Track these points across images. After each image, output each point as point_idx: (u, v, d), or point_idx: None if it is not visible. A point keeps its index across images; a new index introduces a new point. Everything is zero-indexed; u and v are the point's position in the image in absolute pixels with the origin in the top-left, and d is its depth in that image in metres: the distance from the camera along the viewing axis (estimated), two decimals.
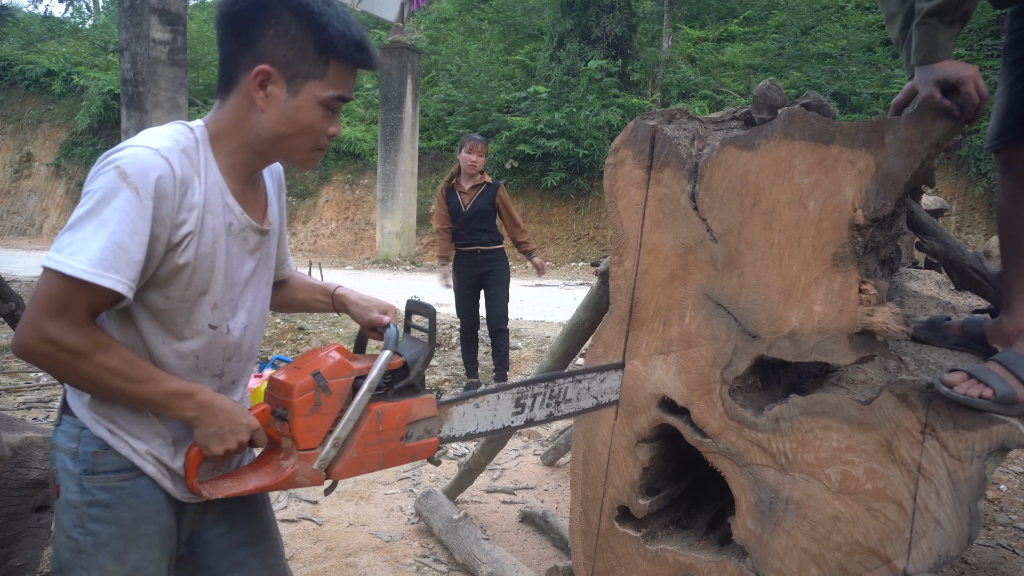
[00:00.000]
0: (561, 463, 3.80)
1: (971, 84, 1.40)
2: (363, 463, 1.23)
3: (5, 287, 2.30)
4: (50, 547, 2.69)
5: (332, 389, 1.18)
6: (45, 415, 4.43)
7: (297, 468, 1.18)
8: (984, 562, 2.73)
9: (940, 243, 1.96)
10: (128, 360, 1.10)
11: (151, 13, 8.29)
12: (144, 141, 1.11)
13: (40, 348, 1.05)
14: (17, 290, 8.25)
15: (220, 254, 1.18)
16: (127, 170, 1.06)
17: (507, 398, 1.47)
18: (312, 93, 1.16)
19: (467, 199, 4.80)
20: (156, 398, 1.12)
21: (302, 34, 1.14)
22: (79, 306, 1.05)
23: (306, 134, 1.19)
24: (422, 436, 1.30)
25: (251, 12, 1.13)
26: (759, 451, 1.62)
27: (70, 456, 1.17)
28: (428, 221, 15.72)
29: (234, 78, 1.17)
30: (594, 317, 2.36)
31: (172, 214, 1.10)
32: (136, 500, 1.19)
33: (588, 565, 1.95)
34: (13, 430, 2.08)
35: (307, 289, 1.51)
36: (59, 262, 1.02)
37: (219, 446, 1.16)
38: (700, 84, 14.63)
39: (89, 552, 1.16)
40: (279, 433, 1.20)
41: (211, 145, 1.19)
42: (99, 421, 1.17)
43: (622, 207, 1.84)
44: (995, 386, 1.37)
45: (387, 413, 1.23)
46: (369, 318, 1.40)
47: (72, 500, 1.17)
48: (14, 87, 20.23)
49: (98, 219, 1.04)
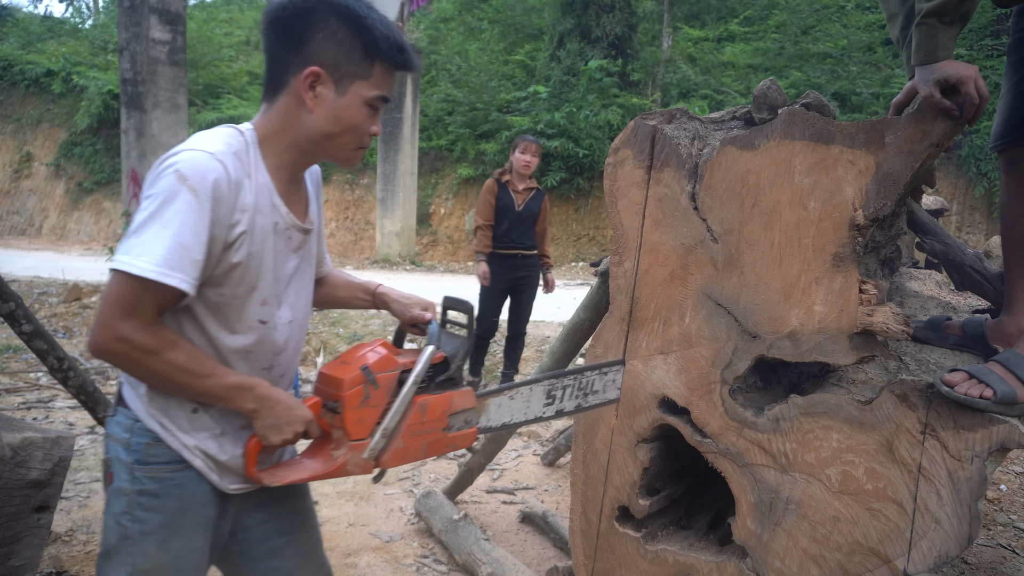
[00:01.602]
0: (561, 463, 3.80)
1: (971, 84, 1.39)
2: (409, 452, 1.30)
3: (5, 287, 2.30)
4: (50, 547, 2.70)
5: (380, 383, 1.24)
6: (45, 415, 4.43)
7: (348, 458, 1.24)
8: (984, 562, 2.72)
9: (940, 243, 1.96)
10: (193, 356, 1.17)
11: (151, 13, 8.28)
12: (199, 145, 1.16)
13: (114, 347, 1.11)
14: (17, 290, 8.25)
15: (268, 252, 1.24)
16: (186, 173, 1.11)
17: (539, 390, 1.52)
18: (358, 93, 1.23)
19: (520, 199, 4.61)
20: (218, 391, 1.19)
21: (349, 37, 1.20)
22: (148, 305, 1.11)
23: (352, 132, 1.25)
24: (462, 427, 1.37)
25: (300, 17, 1.19)
26: (759, 451, 1.62)
27: (123, 446, 1.24)
28: (428, 221, 15.74)
29: (283, 80, 1.23)
30: (594, 317, 2.36)
31: (227, 215, 1.16)
32: (183, 491, 1.25)
33: (588, 565, 1.95)
34: (13, 430, 2.08)
35: (348, 287, 1.57)
36: (127, 264, 1.08)
37: (277, 436, 1.22)
38: (700, 84, 14.63)
39: (136, 538, 1.22)
40: (330, 425, 1.26)
41: (260, 147, 1.25)
42: (152, 415, 1.23)
43: (622, 207, 1.84)
44: (996, 386, 1.37)
45: (431, 405, 1.30)
46: (411, 315, 1.46)
47: (123, 488, 1.23)
48: (14, 87, 20.22)
49: (161, 221, 1.10)
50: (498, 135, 14.72)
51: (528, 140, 4.62)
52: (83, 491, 3.30)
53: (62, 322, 7.36)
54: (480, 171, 15.26)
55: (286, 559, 1.44)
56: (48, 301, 8.05)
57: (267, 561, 1.43)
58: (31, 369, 5.48)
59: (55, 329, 7.09)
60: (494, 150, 14.75)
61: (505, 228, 4.59)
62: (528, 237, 4.66)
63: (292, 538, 1.45)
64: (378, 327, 6.76)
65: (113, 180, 18.24)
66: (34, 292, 8.43)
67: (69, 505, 3.12)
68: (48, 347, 2.41)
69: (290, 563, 1.45)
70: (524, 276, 4.69)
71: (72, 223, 18.62)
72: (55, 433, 2.18)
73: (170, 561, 1.25)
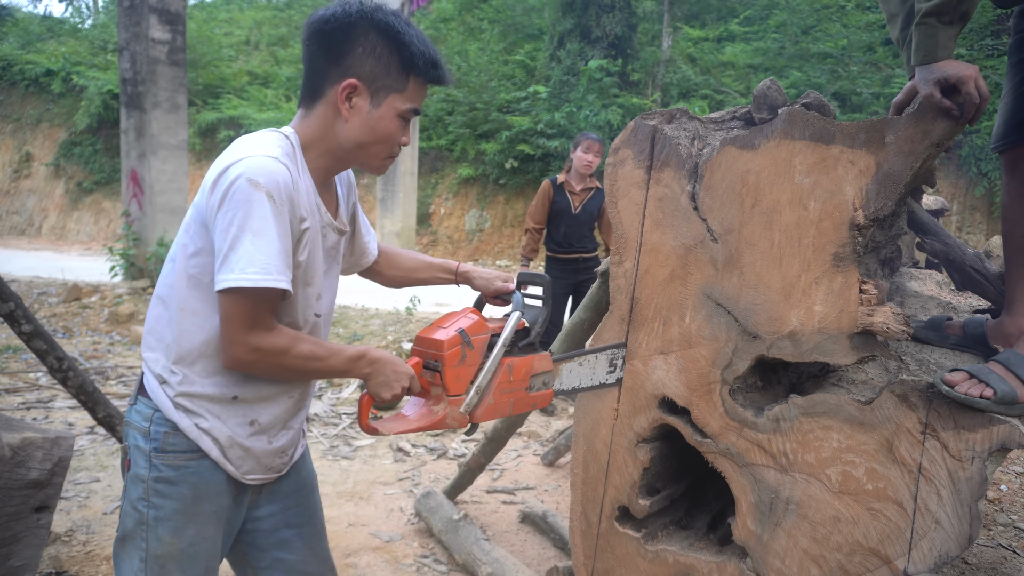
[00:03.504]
0: (561, 463, 3.80)
1: (971, 84, 1.39)
2: (498, 408, 1.42)
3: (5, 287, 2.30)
4: (49, 547, 2.70)
5: (474, 344, 1.36)
6: (45, 415, 4.43)
7: (447, 411, 1.36)
8: (984, 562, 2.72)
9: (941, 243, 1.96)
10: (315, 343, 1.27)
11: (151, 13, 8.27)
12: (259, 150, 1.20)
13: (251, 358, 1.20)
14: (17, 290, 8.25)
15: (319, 249, 1.33)
16: (258, 180, 1.16)
17: (603, 358, 1.66)
18: (393, 105, 1.29)
19: (578, 200, 4.43)
20: (341, 366, 1.29)
21: (387, 52, 1.26)
22: (265, 312, 1.19)
23: (384, 142, 1.32)
24: (540, 388, 1.50)
25: (342, 31, 1.25)
26: (759, 451, 1.62)
27: (142, 434, 1.29)
28: (428, 221, 15.74)
29: (320, 90, 1.29)
30: (594, 317, 2.36)
31: (297, 214, 1.23)
32: (198, 479, 1.30)
33: (588, 565, 1.95)
34: (13, 430, 2.08)
35: (428, 268, 1.70)
36: (237, 280, 1.14)
37: (387, 392, 1.32)
38: (700, 84, 14.62)
39: (151, 524, 1.28)
40: (429, 382, 1.37)
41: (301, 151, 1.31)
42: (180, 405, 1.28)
43: (622, 207, 1.84)
44: (996, 386, 1.37)
45: (516, 366, 1.43)
46: (495, 287, 1.59)
47: (141, 474, 1.29)
48: (13, 87, 20.20)
49: (251, 231, 1.15)
50: (498, 135, 14.71)
51: (591, 139, 4.40)
52: (83, 491, 3.30)
53: (62, 322, 7.36)
54: (480, 171, 15.26)
55: (293, 551, 1.49)
56: (48, 301, 8.05)
57: (274, 552, 1.48)
58: (31, 369, 5.48)
59: (55, 329, 7.09)
60: (494, 150, 14.74)
61: (563, 232, 4.44)
62: (589, 239, 4.50)
63: (300, 531, 1.50)
64: (378, 327, 6.76)
65: (113, 180, 18.24)
66: (34, 292, 8.42)
67: (69, 505, 3.12)
68: (48, 347, 2.41)
69: (296, 556, 1.49)
70: (586, 279, 4.45)
71: (72, 223, 18.61)
72: (55, 433, 2.18)
73: (183, 547, 1.29)
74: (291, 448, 1.44)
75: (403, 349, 6.02)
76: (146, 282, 8.31)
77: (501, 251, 14.89)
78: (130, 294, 8.04)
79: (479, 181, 15.47)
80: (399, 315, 7.27)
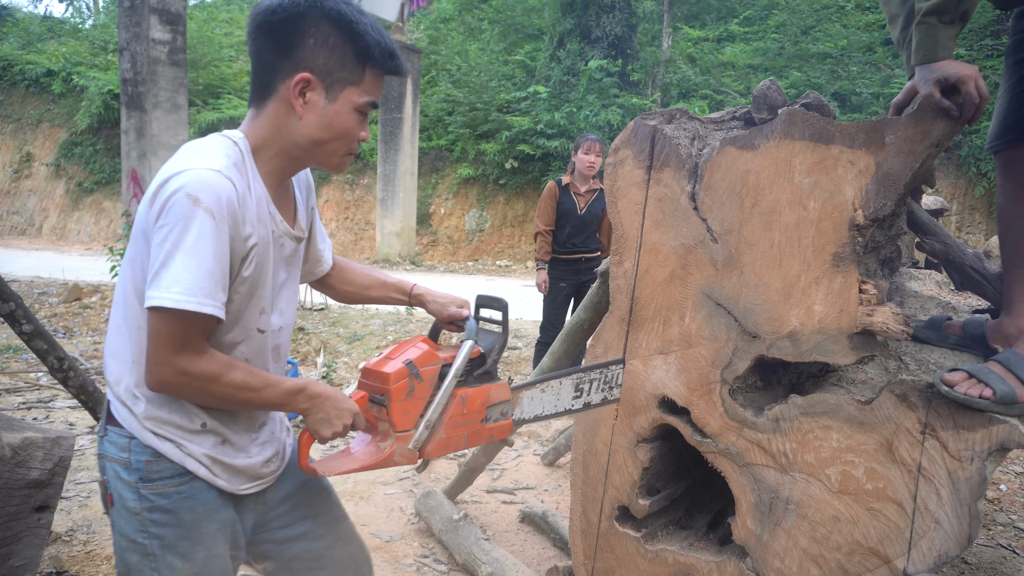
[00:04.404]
0: (561, 463, 3.80)
1: (971, 83, 1.39)
2: (451, 443, 1.35)
3: (5, 287, 2.30)
4: (50, 547, 2.70)
5: (423, 376, 1.30)
6: (45, 415, 4.43)
7: (395, 448, 1.29)
8: (984, 562, 2.73)
9: (940, 243, 1.96)
10: (249, 372, 1.19)
11: (151, 13, 8.28)
12: (202, 163, 1.13)
13: (176, 380, 1.13)
14: (17, 290, 8.25)
15: (268, 261, 1.25)
16: (198, 195, 1.09)
17: (568, 383, 1.57)
18: (349, 99, 1.22)
19: (583, 201, 4.44)
20: (276, 399, 1.21)
21: (341, 42, 1.19)
22: (195, 335, 1.12)
23: (342, 139, 1.24)
24: (499, 418, 1.42)
25: (291, 22, 1.17)
26: (759, 451, 1.62)
27: (122, 466, 1.23)
28: (428, 221, 15.74)
29: (271, 86, 1.21)
30: (594, 317, 2.36)
31: (241, 230, 1.16)
32: (194, 502, 1.25)
33: (588, 565, 1.95)
34: (13, 430, 2.08)
35: (381, 287, 1.60)
36: (164, 299, 1.08)
37: (328, 430, 1.25)
38: (700, 84, 14.62)
39: (157, 554, 1.23)
40: (376, 417, 1.31)
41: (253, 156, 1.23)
42: (150, 430, 1.22)
43: (622, 207, 1.84)
44: (995, 386, 1.37)
45: (470, 397, 1.36)
46: (448, 312, 1.50)
47: (131, 507, 1.23)
48: (14, 87, 20.21)
49: (184, 249, 1.08)
50: (498, 135, 14.71)
51: (591, 139, 4.40)
52: (83, 491, 3.30)
53: (62, 322, 7.36)
54: (480, 171, 15.26)
55: (317, 540, 1.48)
56: (48, 301, 8.06)
57: (299, 545, 1.46)
58: (31, 369, 5.48)
59: (55, 329, 7.09)
60: (494, 150, 14.74)
61: (568, 233, 4.44)
62: (592, 240, 4.51)
63: (318, 520, 1.49)
64: (378, 327, 6.76)
65: (113, 180, 18.24)
66: (34, 292, 8.43)
67: (69, 505, 3.12)
68: (48, 347, 2.41)
69: (322, 543, 1.48)
70: (589, 280, 4.42)
71: (72, 223, 18.62)
72: (55, 433, 2.18)
73: (198, 570, 1.25)
74: (276, 456, 1.40)
75: None
76: None
77: (501, 251, 14.89)
78: None
79: (479, 181, 15.47)
80: (399, 315, 7.28)
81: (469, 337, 1.37)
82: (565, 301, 4.57)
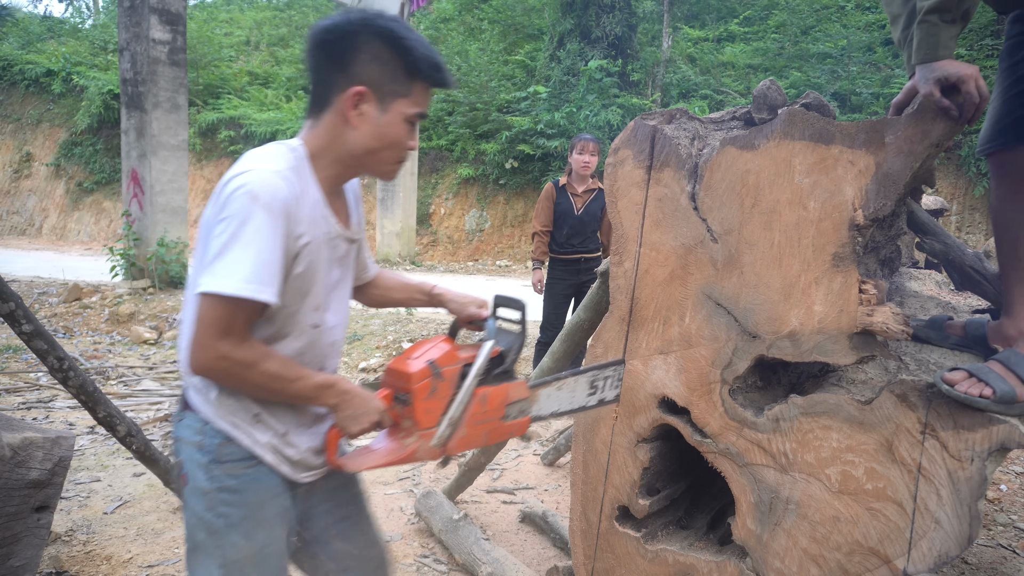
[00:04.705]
0: (561, 463, 3.80)
1: (971, 83, 1.39)
2: (471, 439, 1.40)
3: (5, 287, 2.30)
4: (50, 547, 2.70)
5: (445, 376, 1.34)
6: (45, 415, 4.43)
7: (418, 445, 1.33)
8: (984, 562, 2.73)
9: (940, 243, 1.96)
10: (284, 363, 1.26)
11: (151, 13, 8.27)
12: (263, 165, 1.23)
13: (217, 365, 1.19)
14: (17, 290, 8.25)
15: (321, 261, 1.33)
16: (257, 193, 1.18)
17: (583, 381, 1.62)
18: (399, 110, 1.30)
19: (580, 202, 4.46)
20: (307, 392, 1.28)
21: (392, 58, 1.28)
22: (240, 322, 1.19)
23: (393, 147, 1.33)
24: (517, 416, 1.47)
25: (346, 39, 1.27)
26: (759, 451, 1.62)
27: (196, 448, 1.32)
28: (428, 221, 15.74)
29: (327, 99, 1.30)
30: (594, 317, 2.36)
31: (294, 229, 1.24)
32: (259, 485, 1.34)
33: (588, 565, 1.95)
34: (13, 430, 2.08)
35: (404, 289, 1.68)
36: (218, 285, 1.15)
37: (355, 426, 1.31)
38: (700, 84, 14.62)
39: (222, 532, 1.31)
40: (400, 415, 1.35)
41: (310, 162, 1.32)
42: (222, 417, 1.31)
43: (622, 207, 1.84)
44: (995, 385, 1.37)
45: (490, 396, 1.40)
46: (468, 312, 1.55)
47: (202, 487, 1.31)
48: (14, 87, 20.21)
49: (241, 242, 1.16)
50: (498, 135, 14.72)
51: (585, 139, 4.42)
52: (83, 491, 3.30)
53: (62, 322, 7.36)
54: (480, 171, 15.26)
55: (351, 541, 1.55)
56: (48, 301, 8.05)
57: (335, 544, 1.53)
58: (31, 369, 5.48)
59: (55, 329, 7.09)
60: (494, 150, 14.74)
61: (566, 233, 4.46)
62: (591, 240, 4.52)
63: (354, 520, 1.56)
64: (378, 327, 6.76)
65: (113, 180, 18.24)
66: (34, 292, 8.43)
67: (69, 505, 3.12)
68: (48, 347, 2.41)
69: (353, 544, 1.55)
70: (588, 280, 4.45)
71: (72, 223, 18.62)
72: (55, 433, 2.18)
73: (258, 550, 1.33)
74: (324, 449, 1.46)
75: (403, 349, 6.02)
76: (146, 282, 8.30)
77: (501, 251, 14.89)
78: (130, 294, 8.04)
79: (479, 181, 15.47)
80: (399, 315, 7.28)
81: (489, 337, 1.42)
82: (565, 301, 4.58)
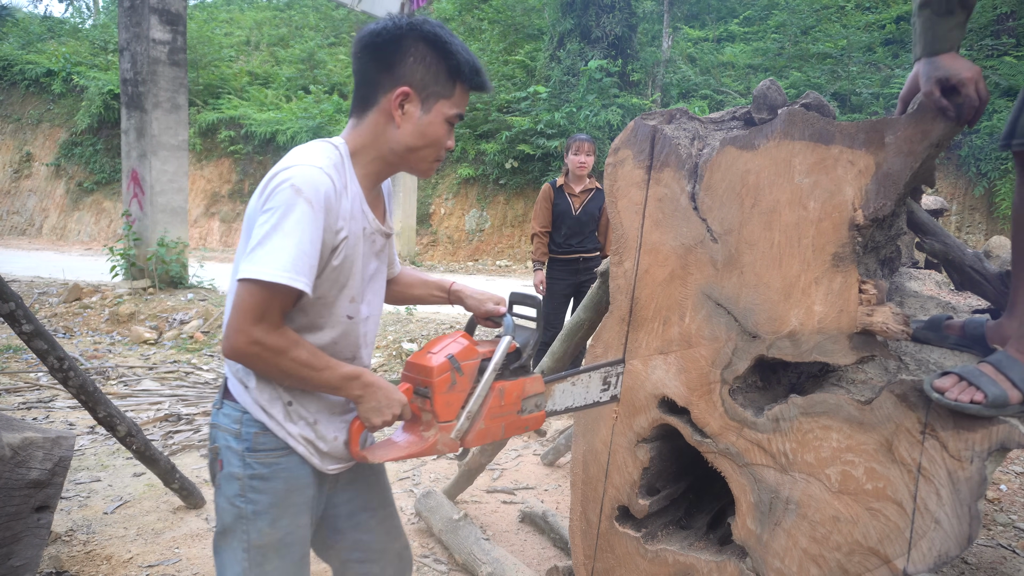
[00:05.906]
0: (561, 463, 3.80)
1: (972, 87, 1.38)
2: (489, 432, 1.43)
3: (5, 287, 2.30)
4: (50, 547, 2.70)
5: (464, 370, 1.38)
6: (45, 415, 4.43)
7: (438, 437, 1.37)
8: (984, 562, 2.73)
9: (940, 243, 1.96)
10: (313, 352, 1.30)
11: (151, 13, 8.27)
12: (307, 160, 1.28)
13: (250, 350, 1.24)
14: (17, 290, 8.25)
15: (358, 254, 1.38)
16: (301, 186, 1.23)
17: (597, 377, 1.67)
18: (441, 111, 1.38)
19: (578, 202, 4.47)
20: (334, 382, 1.32)
21: (436, 61, 1.35)
22: (275, 309, 1.24)
23: (433, 146, 1.40)
24: (533, 410, 1.50)
25: (394, 43, 1.34)
26: (759, 451, 1.62)
27: (233, 436, 1.38)
28: (428, 221, 15.74)
29: (373, 99, 1.36)
30: (594, 317, 2.36)
31: (334, 223, 1.29)
32: (288, 474, 1.39)
33: (588, 565, 1.95)
34: (13, 430, 2.08)
35: (423, 285, 1.73)
36: (257, 272, 1.20)
37: (378, 418, 1.35)
38: (700, 84, 14.63)
39: (249, 517, 1.37)
40: (420, 408, 1.39)
41: (352, 159, 1.38)
42: (260, 407, 1.36)
43: (622, 207, 1.84)
44: (986, 389, 1.35)
45: (507, 390, 1.44)
46: (485, 309, 1.60)
47: (235, 473, 1.37)
48: (14, 87, 20.22)
49: (282, 231, 1.21)
50: (498, 135, 14.72)
51: (580, 139, 4.43)
52: (83, 491, 3.30)
53: (62, 322, 7.36)
54: (480, 171, 15.26)
55: (370, 532, 1.60)
56: (48, 301, 8.06)
57: (354, 535, 1.58)
58: (31, 369, 5.48)
59: (55, 329, 7.09)
60: (494, 150, 14.74)
61: (564, 234, 4.49)
62: (590, 240, 4.53)
63: (375, 513, 1.61)
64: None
65: (113, 180, 18.25)
66: (34, 292, 8.43)
67: (69, 505, 3.12)
68: (48, 347, 2.41)
69: (373, 535, 1.60)
70: (587, 280, 4.47)
71: (72, 223, 18.62)
72: (55, 433, 2.18)
73: (281, 537, 1.39)
74: None
75: (403, 349, 6.03)
76: (146, 282, 8.30)
77: (501, 251, 14.90)
78: (131, 294, 8.04)
79: (479, 181, 15.47)
80: (399, 315, 7.28)
81: (507, 333, 1.45)
82: (564, 301, 4.59)
